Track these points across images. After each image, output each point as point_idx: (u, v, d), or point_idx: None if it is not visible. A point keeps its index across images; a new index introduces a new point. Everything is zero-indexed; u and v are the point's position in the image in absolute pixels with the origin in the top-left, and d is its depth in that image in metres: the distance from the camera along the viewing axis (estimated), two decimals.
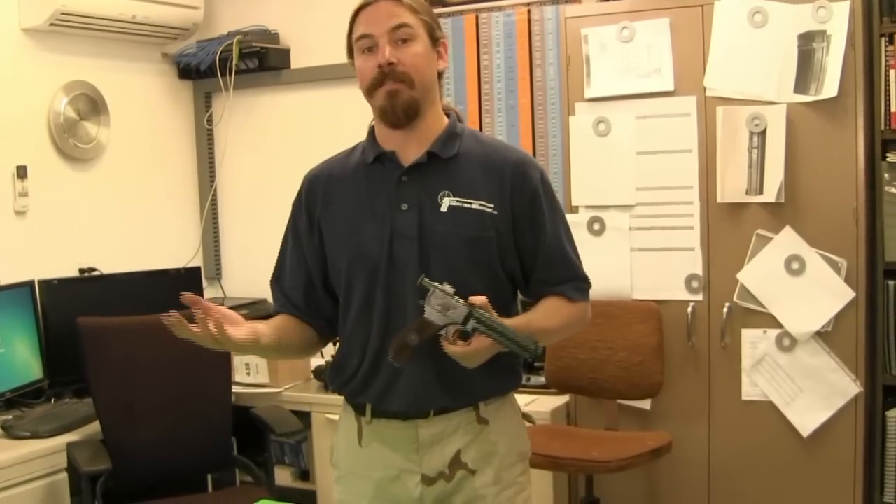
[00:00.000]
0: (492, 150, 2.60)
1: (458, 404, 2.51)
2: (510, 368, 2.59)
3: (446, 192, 2.49)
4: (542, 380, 4.38)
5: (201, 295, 5.04)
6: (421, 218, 2.48)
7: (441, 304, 2.34)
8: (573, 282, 2.63)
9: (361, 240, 2.51)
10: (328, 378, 2.79)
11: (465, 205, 2.49)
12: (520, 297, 2.67)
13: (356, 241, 2.52)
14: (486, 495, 2.53)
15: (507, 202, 2.52)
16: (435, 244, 2.47)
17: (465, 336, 2.35)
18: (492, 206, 2.49)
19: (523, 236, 2.55)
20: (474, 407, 2.53)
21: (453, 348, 2.36)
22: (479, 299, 2.35)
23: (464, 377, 2.42)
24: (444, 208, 2.48)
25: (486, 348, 2.36)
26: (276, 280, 2.71)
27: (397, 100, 2.45)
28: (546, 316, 2.58)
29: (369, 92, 2.48)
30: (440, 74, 2.57)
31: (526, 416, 2.76)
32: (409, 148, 2.53)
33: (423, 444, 2.51)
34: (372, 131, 2.61)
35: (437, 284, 2.35)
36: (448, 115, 2.60)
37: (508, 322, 2.40)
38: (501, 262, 2.53)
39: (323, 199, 2.60)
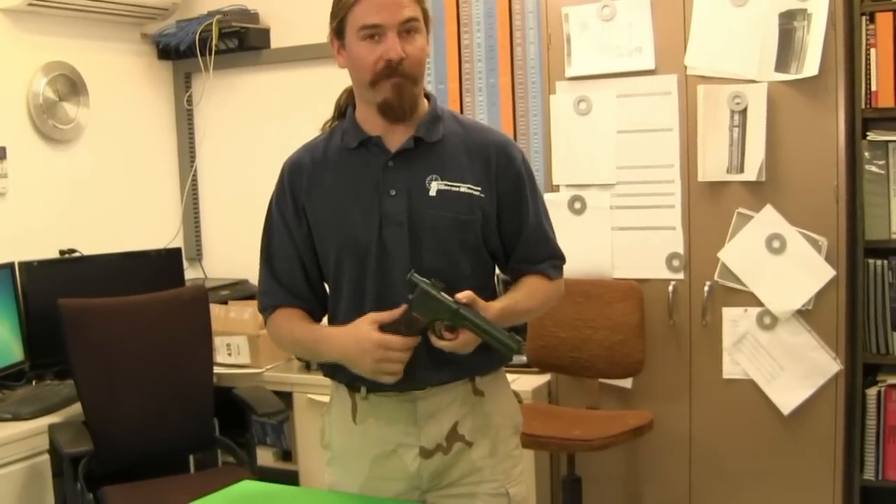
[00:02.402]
0: (474, 131, 2.61)
1: (453, 378, 2.52)
2: None
3: (434, 176, 2.50)
4: (523, 358, 4.37)
5: (182, 275, 5.04)
6: (410, 203, 2.48)
7: (429, 299, 2.34)
8: (551, 260, 2.67)
9: (350, 226, 2.51)
10: (318, 363, 2.77)
11: (454, 188, 2.50)
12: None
13: (344, 228, 2.51)
14: (483, 468, 2.56)
15: (493, 184, 2.54)
16: (425, 229, 2.48)
17: (451, 329, 2.36)
18: (479, 189, 2.51)
19: (506, 217, 2.57)
20: (470, 379, 2.56)
21: (441, 342, 2.37)
22: (466, 294, 2.35)
23: (456, 356, 2.42)
24: (432, 192, 2.49)
25: (472, 342, 2.37)
26: (270, 273, 2.64)
27: (403, 96, 2.44)
28: (528, 296, 2.61)
29: (372, 83, 2.45)
30: None
31: (514, 394, 2.78)
32: (395, 133, 2.52)
33: (421, 416, 2.53)
34: (352, 115, 2.59)
35: (425, 280, 2.35)
36: (427, 98, 2.60)
37: (495, 304, 2.44)
38: (485, 242, 2.55)
39: (307, 185, 2.57)
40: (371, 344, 2.36)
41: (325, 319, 2.67)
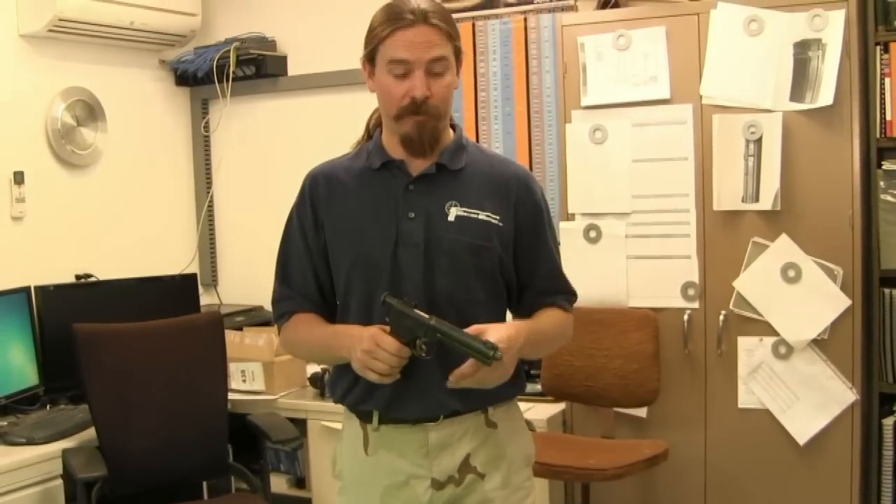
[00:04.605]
0: (496, 162, 2.65)
1: (467, 408, 2.52)
2: (516, 373, 2.59)
3: (453, 202, 2.52)
4: (538, 387, 4.37)
5: (197, 301, 5.04)
6: (427, 226, 2.49)
7: (403, 318, 2.35)
8: (565, 294, 2.69)
9: (365, 244, 2.52)
10: (328, 389, 2.78)
11: (472, 215, 2.51)
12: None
13: (359, 245, 2.53)
14: (494, 499, 2.55)
15: (512, 215, 2.56)
16: (440, 252, 2.49)
17: (432, 347, 2.35)
18: (497, 217, 2.53)
19: (523, 249, 2.59)
20: (483, 411, 2.55)
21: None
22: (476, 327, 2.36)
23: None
24: (451, 218, 2.51)
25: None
26: (284, 281, 2.67)
27: (425, 131, 2.47)
28: (551, 324, 2.63)
29: (397, 118, 2.47)
30: None
31: (527, 423, 2.77)
32: (418, 158, 2.54)
33: (433, 447, 2.52)
34: (378, 137, 2.61)
35: (396, 301, 2.37)
36: (453, 128, 2.62)
37: (514, 322, 2.48)
38: (501, 273, 2.56)
39: (326, 198, 2.59)
40: (367, 333, 2.37)
41: None
